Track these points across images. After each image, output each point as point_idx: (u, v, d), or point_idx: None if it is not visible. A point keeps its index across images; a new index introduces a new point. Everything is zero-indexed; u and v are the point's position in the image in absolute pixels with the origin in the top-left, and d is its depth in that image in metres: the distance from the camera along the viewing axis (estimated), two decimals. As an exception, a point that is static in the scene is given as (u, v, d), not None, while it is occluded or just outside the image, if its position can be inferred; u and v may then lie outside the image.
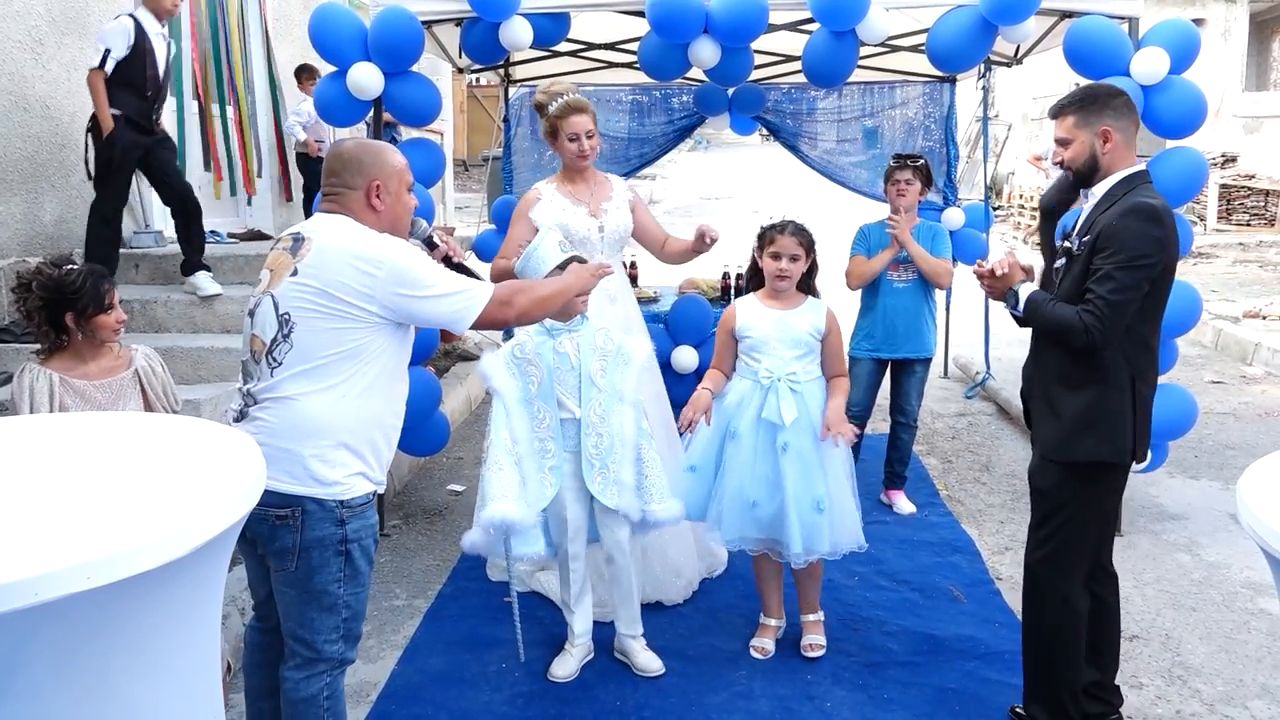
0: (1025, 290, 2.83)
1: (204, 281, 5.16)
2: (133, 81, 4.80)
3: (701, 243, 3.65)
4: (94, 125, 4.84)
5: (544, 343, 3.25)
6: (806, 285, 3.41)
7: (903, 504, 4.84)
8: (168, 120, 6.45)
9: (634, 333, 3.67)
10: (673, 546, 3.80)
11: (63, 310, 2.82)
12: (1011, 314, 2.90)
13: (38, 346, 2.94)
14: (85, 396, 2.86)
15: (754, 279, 3.51)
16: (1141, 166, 2.78)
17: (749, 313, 3.38)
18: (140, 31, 4.79)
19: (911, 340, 4.70)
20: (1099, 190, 2.76)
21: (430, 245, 2.69)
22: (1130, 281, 2.61)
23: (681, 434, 3.43)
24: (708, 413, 3.28)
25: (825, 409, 3.30)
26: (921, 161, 4.75)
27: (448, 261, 2.67)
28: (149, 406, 2.97)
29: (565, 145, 3.68)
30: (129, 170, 4.98)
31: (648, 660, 3.38)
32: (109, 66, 4.69)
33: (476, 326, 2.46)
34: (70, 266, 2.85)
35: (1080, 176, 2.79)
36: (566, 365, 3.24)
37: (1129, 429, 2.74)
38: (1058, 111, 2.81)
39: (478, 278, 2.68)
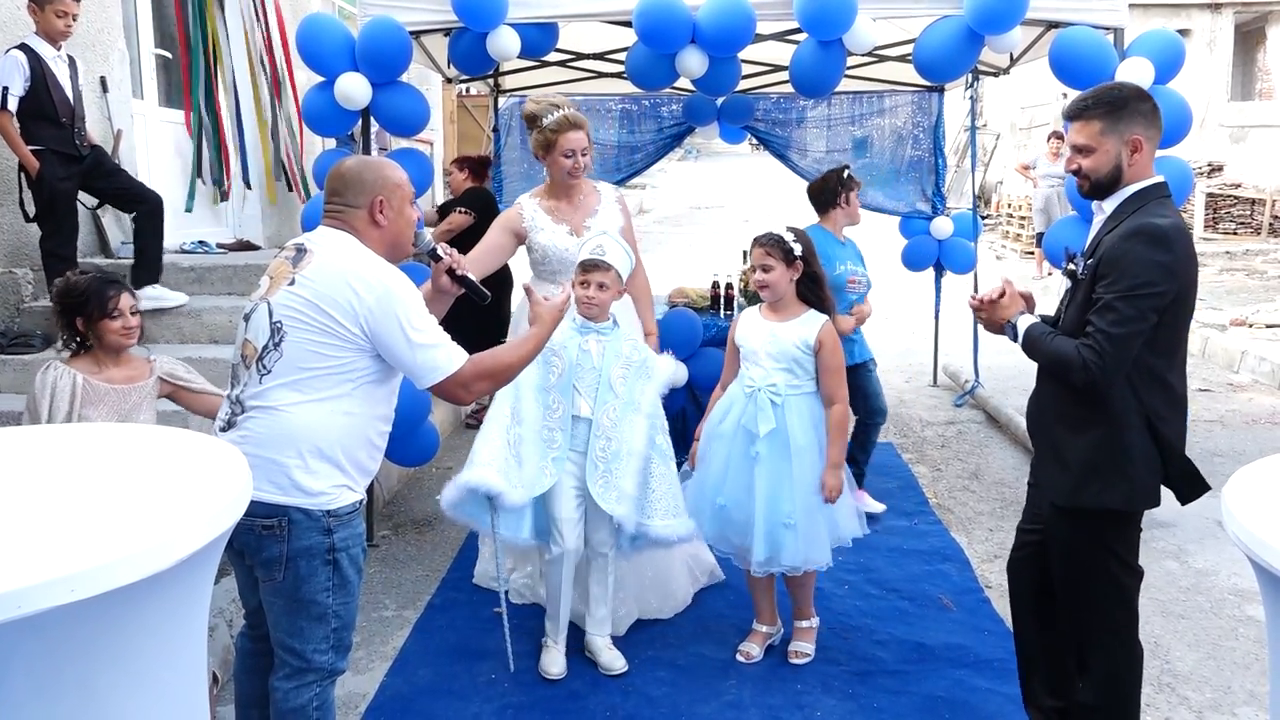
0: (1024, 323, 2.59)
1: (160, 293, 4.99)
2: (44, 113, 4.62)
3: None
4: (23, 164, 4.65)
5: (571, 338, 3.31)
6: (809, 296, 3.35)
7: (868, 503, 4.74)
8: (163, 130, 6.45)
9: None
10: (665, 570, 3.77)
11: (74, 315, 3.00)
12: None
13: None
14: (104, 399, 2.98)
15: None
16: (1159, 178, 2.50)
17: (747, 323, 3.42)
18: (36, 60, 4.60)
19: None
20: (1109, 206, 2.52)
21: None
22: (1132, 313, 2.36)
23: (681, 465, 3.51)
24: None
25: (819, 438, 3.27)
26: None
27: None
28: (191, 406, 3.19)
29: (558, 160, 3.58)
30: (69, 203, 4.79)
31: (611, 659, 3.41)
32: (12, 104, 4.50)
33: (434, 392, 2.44)
34: (83, 274, 3.05)
35: (1097, 189, 2.52)
36: (588, 364, 3.29)
37: (1144, 473, 2.52)
38: (1079, 113, 2.50)
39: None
